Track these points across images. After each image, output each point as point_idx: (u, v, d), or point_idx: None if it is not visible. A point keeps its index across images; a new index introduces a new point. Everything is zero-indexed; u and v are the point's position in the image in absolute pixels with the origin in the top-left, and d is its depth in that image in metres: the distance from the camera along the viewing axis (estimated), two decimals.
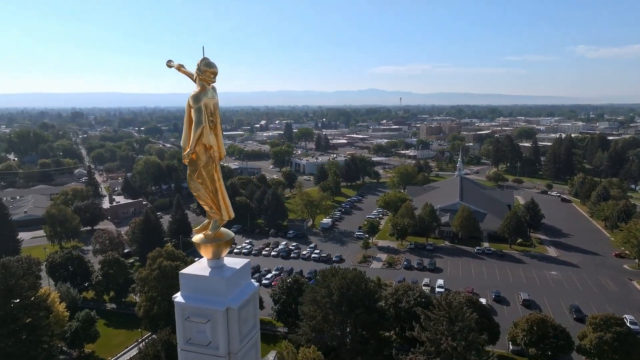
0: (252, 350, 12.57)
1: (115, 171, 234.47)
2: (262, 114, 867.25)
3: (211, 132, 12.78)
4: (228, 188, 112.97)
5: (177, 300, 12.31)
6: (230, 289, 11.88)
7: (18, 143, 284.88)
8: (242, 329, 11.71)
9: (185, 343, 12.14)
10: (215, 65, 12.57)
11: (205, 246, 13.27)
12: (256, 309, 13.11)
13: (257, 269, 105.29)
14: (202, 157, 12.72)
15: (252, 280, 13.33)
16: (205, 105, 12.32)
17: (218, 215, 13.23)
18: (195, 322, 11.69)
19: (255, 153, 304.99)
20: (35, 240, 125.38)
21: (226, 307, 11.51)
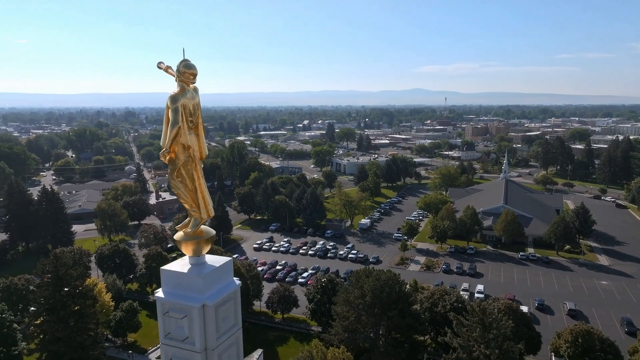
0: (233, 347, 12.70)
1: (163, 168, 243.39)
2: (305, 114, 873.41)
3: (191, 132, 13.13)
4: (268, 187, 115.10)
5: (157, 295, 12.68)
6: (207, 286, 12.05)
7: (76, 141, 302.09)
8: (220, 326, 11.89)
9: (164, 337, 12.48)
10: (194, 66, 12.91)
11: (186, 243, 13.41)
12: (237, 307, 13.21)
13: (294, 267, 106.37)
14: (180, 157, 13.05)
15: (235, 279, 13.45)
16: (184, 106, 12.68)
17: (198, 214, 13.46)
18: (174, 317, 12.02)
19: (297, 153, 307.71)
20: (87, 233, 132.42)
21: (202, 304, 11.74)
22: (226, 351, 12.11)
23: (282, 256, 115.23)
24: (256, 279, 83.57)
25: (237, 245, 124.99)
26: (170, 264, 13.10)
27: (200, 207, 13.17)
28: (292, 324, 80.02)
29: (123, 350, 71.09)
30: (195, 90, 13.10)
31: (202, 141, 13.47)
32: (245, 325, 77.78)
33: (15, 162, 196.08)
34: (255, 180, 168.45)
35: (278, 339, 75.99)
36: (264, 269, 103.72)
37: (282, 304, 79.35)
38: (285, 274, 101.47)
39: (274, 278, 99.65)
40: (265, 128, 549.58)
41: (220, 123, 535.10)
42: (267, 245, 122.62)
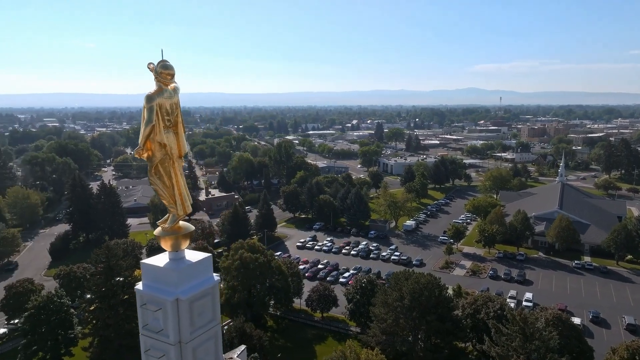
0: (210, 342, 12.89)
1: (213, 166, 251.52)
2: (354, 113, 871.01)
3: (169, 131, 13.53)
4: (313, 186, 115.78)
5: (136, 288, 13.13)
6: (181, 281, 12.35)
7: (134, 138, 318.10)
8: (195, 321, 12.14)
9: (143, 328, 12.90)
10: (171, 67, 13.32)
11: (164, 239, 13.83)
12: (215, 303, 13.40)
13: (336, 267, 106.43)
14: (157, 154, 13.58)
15: (214, 275, 13.65)
16: (160, 105, 13.10)
17: (175, 210, 13.81)
18: (150, 309, 12.41)
19: (345, 152, 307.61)
20: (141, 226, 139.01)
21: (176, 298, 12.08)
22: (202, 345, 12.43)
23: (325, 255, 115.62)
24: (297, 277, 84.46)
25: (281, 243, 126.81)
26: (151, 257, 13.60)
27: (177, 204, 13.66)
28: (331, 323, 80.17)
29: None
30: (175, 90, 13.57)
31: (181, 140, 13.94)
32: (284, 323, 79.14)
33: (80, 158, 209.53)
34: (301, 179, 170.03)
35: (316, 337, 76.37)
36: (306, 268, 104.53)
37: (322, 303, 79.64)
38: (326, 273, 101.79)
39: (315, 277, 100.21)
40: (314, 127, 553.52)
41: (270, 122, 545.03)
42: (310, 244, 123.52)
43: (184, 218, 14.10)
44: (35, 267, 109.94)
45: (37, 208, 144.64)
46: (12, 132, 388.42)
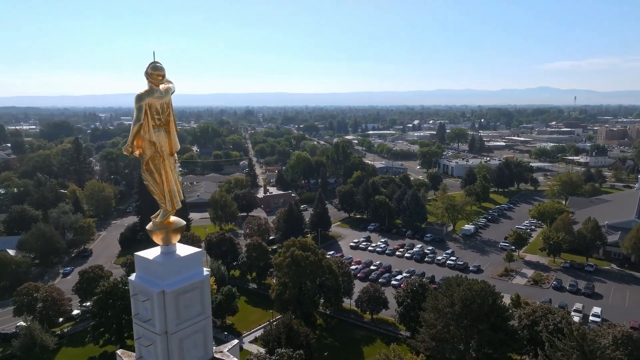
0: (198, 334, 13.17)
1: (273, 164, 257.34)
2: (416, 113, 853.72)
3: (161, 129, 13.93)
4: (369, 186, 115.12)
5: (129, 278, 13.65)
6: (169, 274, 12.72)
7: (200, 137, 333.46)
8: (181, 313, 12.49)
9: (134, 316, 13.43)
10: (161, 68, 13.79)
11: (155, 233, 14.33)
12: (204, 297, 13.66)
13: (388, 269, 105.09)
14: (147, 152, 14.04)
15: (204, 270, 13.90)
16: (150, 105, 13.56)
17: (165, 206, 14.20)
18: (139, 299, 12.89)
19: (404, 153, 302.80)
20: (202, 221, 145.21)
21: (162, 290, 12.47)
22: (190, 337, 12.82)
23: (378, 256, 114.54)
24: (347, 277, 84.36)
25: (334, 242, 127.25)
26: (144, 250, 14.19)
27: (166, 200, 14.17)
28: (380, 325, 79.31)
29: (221, 330, 76.84)
30: (168, 90, 14.07)
31: (172, 138, 14.42)
32: (334, 322, 79.32)
33: None
34: (358, 179, 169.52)
35: (365, 338, 75.87)
36: (358, 268, 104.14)
37: (372, 305, 79.00)
38: (378, 275, 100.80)
39: (367, 278, 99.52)
40: (374, 127, 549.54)
41: (330, 122, 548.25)
42: (363, 244, 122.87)
43: (174, 213, 14.64)
44: (107, 255, 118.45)
45: (111, 200, 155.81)
46: (93, 130, 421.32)
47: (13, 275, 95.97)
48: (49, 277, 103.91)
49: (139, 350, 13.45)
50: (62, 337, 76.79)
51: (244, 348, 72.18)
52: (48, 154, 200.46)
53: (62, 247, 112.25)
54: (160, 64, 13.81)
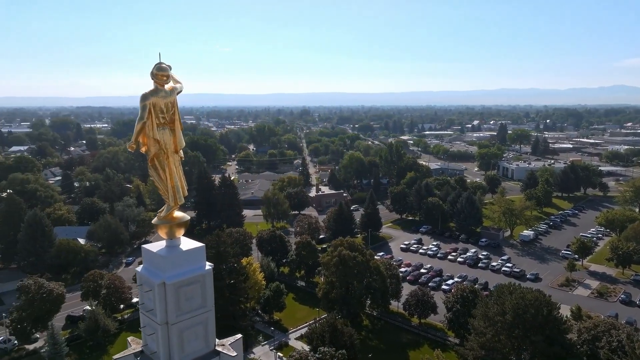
0: (199, 327, 13.34)
1: (326, 164, 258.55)
2: (476, 113, 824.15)
3: (165, 128, 14.19)
4: (422, 187, 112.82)
5: (136, 269, 14.03)
6: (170, 267, 12.98)
7: (256, 135, 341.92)
8: (182, 304, 12.72)
9: (140, 305, 13.79)
10: (166, 69, 13.99)
11: (159, 227, 14.76)
12: (205, 290, 13.79)
13: (439, 272, 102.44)
14: (151, 149, 14.43)
15: (207, 264, 14.03)
16: (154, 104, 13.88)
17: (168, 201, 14.45)
18: (144, 290, 13.24)
19: (461, 154, 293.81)
20: (256, 218, 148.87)
21: (162, 281, 12.72)
22: (190, 329, 13.10)
23: (429, 260, 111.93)
24: (395, 279, 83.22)
25: (385, 243, 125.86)
26: (151, 243, 14.58)
27: (169, 195, 14.51)
28: (428, 330, 77.52)
29: (269, 326, 78.42)
30: (173, 90, 14.36)
31: (177, 136, 14.72)
32: (380, 324, 78.50)
33: (208, 153, 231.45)
34: (411, 180, 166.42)
35: (412, 343, 74.50)
36: (408, 271, 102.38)
37: (420, 308, 77.39)
38: (428, 279, 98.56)
39: (417, 281, 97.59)
40: (431, 128, 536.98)
41: (385, 122, 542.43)
42: (414, 246, 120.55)
43: (178, 208, 15.02)
44: None
45: None
46: None
47: (82, 263, 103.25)
48: (113, 265, 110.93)
49: (144, 339, 14.10)
50: (123, 322, 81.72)
51: (290, 344, 73.31)
52: (116, 151, 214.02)
53: (126, 238, 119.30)
54: (166, 64, 14.37)
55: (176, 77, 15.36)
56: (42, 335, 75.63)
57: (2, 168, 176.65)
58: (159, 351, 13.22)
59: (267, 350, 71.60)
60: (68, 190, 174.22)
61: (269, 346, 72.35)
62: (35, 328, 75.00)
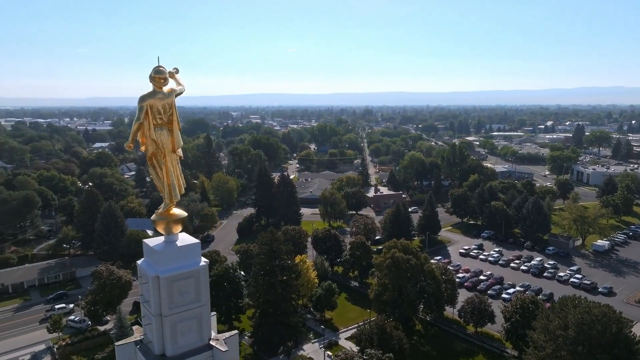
0: (193, 320, 13.50)
1: (387, 164, 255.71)
2: (550, 113, 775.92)
3: (163, 128, 14.49)
4: (485, 190, 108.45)
5: (137, 262, 14.47)
6: (164, 261, 13.30)
7: (318, 135, 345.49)
8: (175, 298, 12.94)
9: (140, 296, 14.16)
10: (163, 72, 14.41)
11: (157, 222, 15.37)
12: (199, 285, 13.91)
13: (500, 280, 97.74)
14: (149, 148, 14.90)
15: (202, 260, 14.16)
16: (151, 106, 14.33)
17: (165, 198, 14.72)
18: (142, 282, 13.59)
19: (531, 156, 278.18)
20: (313, 216, 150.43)
21: (156, 275, 12.99)
22: (184, 322, 13.38)
23: (489, 266, 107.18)
24: (451, 285, 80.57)
25: (443, 247, 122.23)
26: (152, 238, 15.02)
27: (166, 193, 14.90)
28: (484, 339, 74.26)
29: (319, 324, 79.02)
30: (172, 92, 14.78)
31: (175, 136, 15.10)
32: (434, 330, 76.45)
33: (270, 151, 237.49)
34: (474, 182, 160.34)
35: (466, 352, 71.78)
36: (466, 277, 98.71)
37: (476, 316, 74.32)
38: (488, 286, 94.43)
39: (475, 287, 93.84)
40: (499, 129, 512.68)
41: (450, 122, 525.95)
42: (474, 252, 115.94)
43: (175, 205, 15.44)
44: (226, 242, 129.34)
45: (233, 192, 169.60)
46: (225, 127, 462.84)
47: None
48: None
49: (144, 329, 14.82)
50: None
51: (339, 344, 73.38)
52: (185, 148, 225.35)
53: (190, 231, 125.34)
54: (163, 68, 15.04)
55: (180, 80, 16.11)
56: (112, 318, 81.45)
57: (85, 163, 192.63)
58: (154, 341, 13.88)
59: (316, 348, 72.15)
60: (140, 184, 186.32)
61: (319, 344, 72.85)
62: (106, 311, 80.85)
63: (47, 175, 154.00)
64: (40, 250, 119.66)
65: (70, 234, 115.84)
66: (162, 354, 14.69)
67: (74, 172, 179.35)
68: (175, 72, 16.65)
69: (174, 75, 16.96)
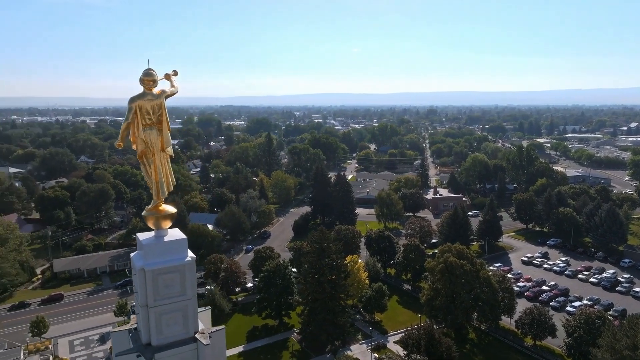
0: (178, 313, 13.81)
1: (448, 165, 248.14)
2: (635, 114, 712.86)
3: (153, 128, 14.92)
4: (552, 196, 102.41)
5: (131, 254, 14.99)
6: (150, 255, 13.76)
7: (378, 135, 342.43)
8: (160, 290, 13.30)
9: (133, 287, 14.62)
10: (152, 75, 15.15)
11: (147, 218, 15.90)
12: (186, 280, 14.26)
13: (565, 292, 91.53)
14: (139, 147, 15.49)
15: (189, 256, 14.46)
16: (140, 107, 14.93)
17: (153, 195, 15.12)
18: (133, 274, 14.01)
19: (609, 160, 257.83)
20: (369, 217, 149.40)
21: (142, 267, 13.38)
22: (169, 314, 13.80)
23: (554, 277, 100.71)
24: (508, 293, 76.68)
25: (504, 254, 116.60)
26: (144, 232, 15.55)
27: (154, 190, 15.38)
28: (543, 353, 69.99)
29: (368, 325, 78.39)
30: (161, 93, 15.29)
31: (164, 136, 15.62)
32: (488, 339, 73.34)
33: (329, 151, 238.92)
34: (542, 187, 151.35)
35: None
36: (527, 286, 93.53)
37: (535, 329, 70.20)
38: (551, 297, 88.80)
39: (536, 298, 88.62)
40: (575, 130, 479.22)
41: (520, 123, 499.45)
42: (538, 260, 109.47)
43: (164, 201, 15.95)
44: (282, 239, 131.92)
45: (291, 190, 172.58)
46: (287, 126, 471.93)
47: (209, 246, 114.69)
48: (234, 251, 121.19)
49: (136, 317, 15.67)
50: (236, 304, 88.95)
51: (388, 347, 72.39)
52: (247, 147, 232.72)
53: (247, 227, 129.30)
54: (153, 71, 15.81)
55: (174, 82, 16.92)
56: None
57: None
58: (141, 330, 14.63)
59: (364, 349, 71.68)
60: (205, 180, 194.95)
61: (366, 346, 72.31)
62: None
63: (121, 169, 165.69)
64: (112, 239, 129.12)
65: (139, 225, 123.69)
66: (148, 343, 15.39)
67: None
68: (172, 75, 17.49)
69: (170, 77, 17.69)
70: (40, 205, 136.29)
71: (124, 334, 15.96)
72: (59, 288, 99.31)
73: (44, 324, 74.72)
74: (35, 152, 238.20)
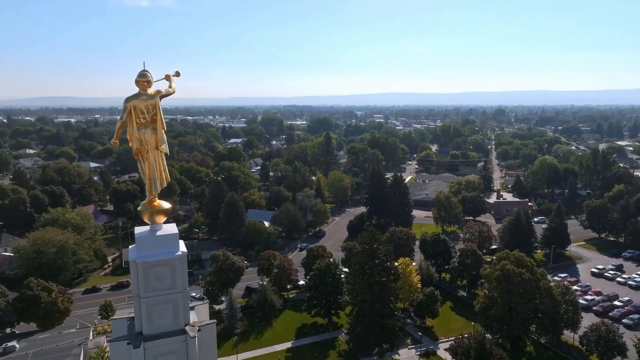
0: (168, 305, 14.22)
1: (515, 168, 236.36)
2: None
3: (148, 127, 15.45)
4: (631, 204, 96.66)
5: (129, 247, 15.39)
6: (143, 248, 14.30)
7: (440, 135, 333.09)
8: (150, 282, 13.75)
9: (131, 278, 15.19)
10: (146, 75, 15.76)
11: (142, 213, 16.43)
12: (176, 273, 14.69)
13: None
14: (134, 145, 16.09)
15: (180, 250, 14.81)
16: (134, 106, 15.48)
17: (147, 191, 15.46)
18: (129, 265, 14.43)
19: None
20: (426, 219, 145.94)
21: (134, 259, 13.83)
22: (159, 305, 14.33)
23: (629, 291, 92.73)
24: (572, 306, 71.68)
25: (571, 264, 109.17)
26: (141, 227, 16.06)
27: (147, 186, 15.90)
28: None
29: (418, 330, 76.59)
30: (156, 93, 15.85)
31: (158, 134, 16.16)
32: (547, 354, 69.46)
33: (388, 151, 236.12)
34: (618, 193, 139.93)
35: None
36: (595, 300, 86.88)
37: (602, 346, 65.07)
38: (623, 314, 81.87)
39: (606, 313, 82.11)
40: None
41: (598, 124, 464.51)
42: (611, 273, 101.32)
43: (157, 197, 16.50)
44: (336, 238, 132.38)
45: (348, 190, 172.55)
46: (348, 126, 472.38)
47: (264, 243, 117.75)
48: (289, 249, 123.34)
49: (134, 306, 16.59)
50: (287, 301, 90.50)
51: (438, 354, 70.37)
52: (306, 146, 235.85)
53: (302, 225, 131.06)
54: (147, 72, 16.56)
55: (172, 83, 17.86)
56: (226, 300, 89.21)
57: (218, 156, 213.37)
58: (135, 319, 15.40)
59: (412, 354, 70.20)
60: (264, 178, 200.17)
61: (415, 351, 70.74)
62: (221, 292, 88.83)
63: (186, 166, 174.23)
64: None
65: (200, 219, 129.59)
66: (140, 332, 16.27)
67: (209, 164, 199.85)
68: (173, 75, 18.37)
69: (170, 77, 18.51)
70: (114, 197, 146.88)
71: (123, 321, 17.05)
72: (126, 275, 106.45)
73: (111, 308, 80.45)
74: (112, 149, 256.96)
